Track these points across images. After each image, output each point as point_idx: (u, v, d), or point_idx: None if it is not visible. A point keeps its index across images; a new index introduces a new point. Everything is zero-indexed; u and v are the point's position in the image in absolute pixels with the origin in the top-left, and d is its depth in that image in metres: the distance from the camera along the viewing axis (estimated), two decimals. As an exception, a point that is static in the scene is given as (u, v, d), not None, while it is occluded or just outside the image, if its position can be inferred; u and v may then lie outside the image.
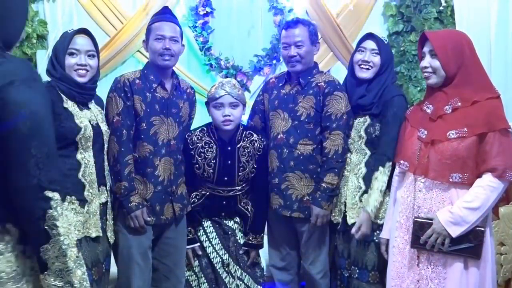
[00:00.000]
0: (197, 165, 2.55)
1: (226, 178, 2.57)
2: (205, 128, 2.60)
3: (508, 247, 3.05)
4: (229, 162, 2.55)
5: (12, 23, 1.28)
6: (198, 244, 2.60)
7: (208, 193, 2.62)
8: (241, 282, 2.54)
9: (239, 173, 2.57)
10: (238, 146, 2.57)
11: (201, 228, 2.63)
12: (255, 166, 2.60)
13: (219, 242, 2.61)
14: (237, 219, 2.67)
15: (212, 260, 2.57)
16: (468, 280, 2.01)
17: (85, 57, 2.13)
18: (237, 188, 2.61)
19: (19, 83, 1.17)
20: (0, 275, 1.21)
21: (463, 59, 2.03)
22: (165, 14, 2.43)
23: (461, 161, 1.98)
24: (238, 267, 2.57)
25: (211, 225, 2.64)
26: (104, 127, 2.22)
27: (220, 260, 2.57)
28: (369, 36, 2.45)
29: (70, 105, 2.06)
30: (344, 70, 3.61)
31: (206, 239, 2.62)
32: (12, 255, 1.23)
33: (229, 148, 2.56)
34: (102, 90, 2.38)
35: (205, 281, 2.53)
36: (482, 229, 1.99)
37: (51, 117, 1.24)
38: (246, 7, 3.61)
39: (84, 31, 2.18)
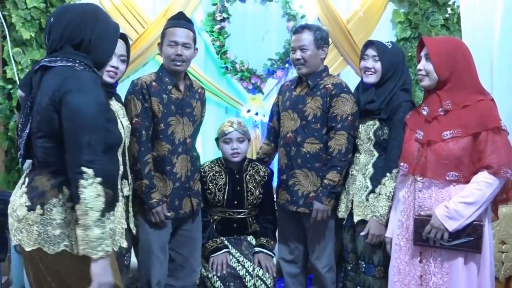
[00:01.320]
0: (208, 191, 2.74)
1: (236, 202, 2.75)
2: (215, 160, 2.84)
3: (509, 246, 3.11)
4: (238, 188, 2.76)
5: (103, 49, 1.71)
6: (227, 250, 2.68)
7: (219, 218, 2.79)
8: (258, 279, 2.61)
9: (248, 197, 2.76)
10: (245, 174, 2.79)
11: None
12: (262, 192, 2.79)
13: (232, 247, 2.73)
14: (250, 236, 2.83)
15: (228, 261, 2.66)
16: (468, 275, 2.06)
17: (117, 60, 2.17)
18: (246, 211, 2.79)
19: (76, 92, 1.57)
20: (53, 221, 1.61)
21: (456, 65, 2.09)
22: (179, 19, 2.45)
23: (457, 160, 2.04)
24: (252, 264, 2.66)
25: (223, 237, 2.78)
26: (125, 122, 2.22)
27: (236, 260, 2.67)
28: (369, 43, 2.50)
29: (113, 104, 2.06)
30: (353, 74, 3.68)
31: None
32: (63, 209, 1.62)
33: (237, 176, 2.77)
34: (124, 91, 2.45)
35: (217, 279, 2.60)
36: (481, 223, 2.03)
37: (100, 115, 1.60)
38: (260, 13, 3.67)
39: (121, 36, 2.16)
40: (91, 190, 1.53)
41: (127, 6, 3.47)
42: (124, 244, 1.82)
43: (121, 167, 1.86)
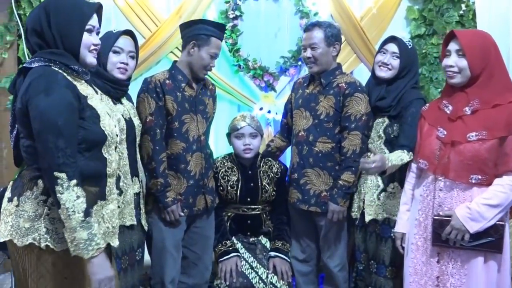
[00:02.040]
0: (221, 187, 2.72)
1: (249, 199, 2.74)
2: (227, 156, 2.81)
3: (525, 245, 3.10)
4: (252, 184, 2.73)
5: (68, 35, 1.65)
6: (237, 254, 2.65)
7: (233, 214, 2.78)
8: (272, 287, 2.60)
9: (263, 195, 2.73)
10: (259, 170, 2.75)
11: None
12: (275, 189, 2.76)
13: (245, 251, 2.73)
14: (262, 237, 2.81)
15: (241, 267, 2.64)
16: (487, 275, 2.02)
17: (127, 57, 2.17)
18: (259, 206, 2.77)
19: (40, 94, 1.55)
20: (24, 213, 1.63)
21: (489, 60, 1.99)
22: (223, 33, 2.51)
23: (482, 162, 1.97)
24: (266, 270, 2.65)
25: (236, 240, 2.76)
26: (136, 121, 2.22)
27: (249, 266, 2.66)
28: (392, 39, 2.48)
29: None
30: (366, 72, 3.63)
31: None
32: (35, 202, 1.63)
33: (250, 172, 2.74)
34: (137, 88, 2.45)
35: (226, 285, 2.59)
36: (503, 223, 2.00)
37: (67, 115, 1.56)
38: (273, 11, 3.65)
39: (128, 33, 2.22)
40: (69, 194, 1.53)
41: (141, 5, 3.49)
42: (114, 243, 1.79)
43: (115, 162, 1.81)
